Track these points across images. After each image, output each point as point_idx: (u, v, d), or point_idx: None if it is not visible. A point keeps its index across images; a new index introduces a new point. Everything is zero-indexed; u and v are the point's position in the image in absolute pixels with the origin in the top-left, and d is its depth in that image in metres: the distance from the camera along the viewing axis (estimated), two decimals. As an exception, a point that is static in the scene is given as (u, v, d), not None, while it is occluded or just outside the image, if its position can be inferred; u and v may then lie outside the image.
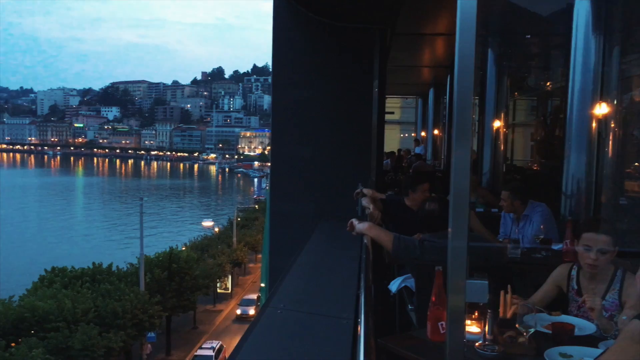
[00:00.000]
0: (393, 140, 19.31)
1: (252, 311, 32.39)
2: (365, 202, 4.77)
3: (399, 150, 16.99)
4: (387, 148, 13.19)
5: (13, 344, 18.09)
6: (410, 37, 9.45)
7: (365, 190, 5.10)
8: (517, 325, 2.42)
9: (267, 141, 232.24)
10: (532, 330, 2.42)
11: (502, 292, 2.68)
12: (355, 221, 3.43)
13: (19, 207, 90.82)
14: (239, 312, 33.99)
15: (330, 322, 3.05)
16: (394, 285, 4.08)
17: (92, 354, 17.63)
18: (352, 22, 7.14)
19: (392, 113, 17.98)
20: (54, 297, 20.48)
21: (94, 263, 25.57)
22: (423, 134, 18.31)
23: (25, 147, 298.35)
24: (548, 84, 11.53)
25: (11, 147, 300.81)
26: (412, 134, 21.02)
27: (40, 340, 17.51)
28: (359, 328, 1.91)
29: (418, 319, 3.40)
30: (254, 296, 34.93)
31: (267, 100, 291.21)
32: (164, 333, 27.26)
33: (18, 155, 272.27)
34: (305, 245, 5.36)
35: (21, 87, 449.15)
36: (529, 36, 9.06)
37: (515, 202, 4.92)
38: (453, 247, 1.59)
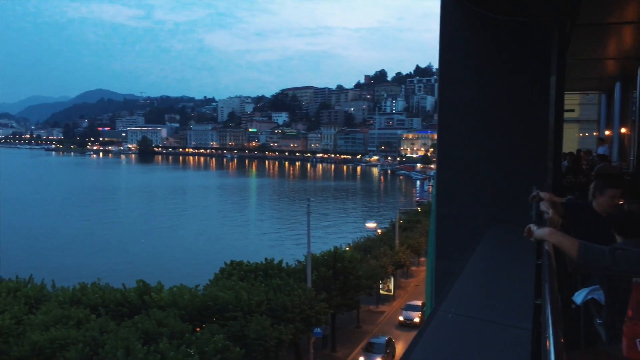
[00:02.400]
0: (570, 140, 17.79)
1: (416, 318, 31.08)
2: (544, 206, 4.44)
3: (578, 150, 15.58)
4: (565, 148, 12.19)
5: (198, 329, 20.05)
6: (593, 28, 8.64)
7: (542, 194, 4.76)
8: None
9: (429, 143, 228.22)
10: None
11: None
12: (533, 227, 3.22)
13: (204, 206, 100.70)
14: (402, 318, 32.53)
15: (505, 331, 2.90)
16: (579, 297, 3.73)
17: (265, 343, 18.88)
18: (527, 16, 6.73)
19: (572, 111, 16.54)
20: (232, 288, 22.30)
21: (266, 259, 27.36)
22: (607, 132, 16.58)
23: (208, 150, 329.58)
24: None
25: (196, 150, 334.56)
26: (594, 133, 19.14)
27: (220, 327, 19.18)
28: (547, 342, 1.78)
29: (608, 335, 3.08)
30: (419, 302, 33.34)
31: (429, 101, 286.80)
32: (329, 329, 28.23)
33: (202, 159, 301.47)
34: (474, 250, 5.16)
35: (205, 97, 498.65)
36: None
37: None
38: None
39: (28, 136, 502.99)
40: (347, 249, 36.46)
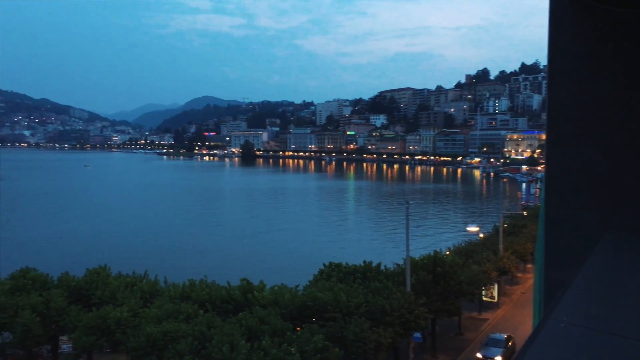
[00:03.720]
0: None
1: (498, 357, 25.74)
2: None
3: None
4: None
5: (298, 328, 20.48)
6: None
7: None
8: None
9: (536, 143, 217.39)
10: None
11: None
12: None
13: (303, 207, 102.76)
14: (480, 355, 26.34)
15: (623, 343, 2.69)
16: None
17: (364, 346, 18.90)
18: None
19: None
20: (331, 289, 22.55)
21: (364, 261, 27.38)
22: None
23: (307, 153, 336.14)
24: None
25: (296, 153, 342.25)
26: None
27: (320, 327, 19.46)
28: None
29: None
30: (503, 335, 27.63)
31: (536, 99, 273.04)
32: (429, 335, 27.70)
33: (301, 161, 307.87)
34: (589, 257, 4.85)
35: (304, 101, 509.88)
36: None
37: None
38: None
39: (143, 141, 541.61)
40: (448, 253, 35.58)
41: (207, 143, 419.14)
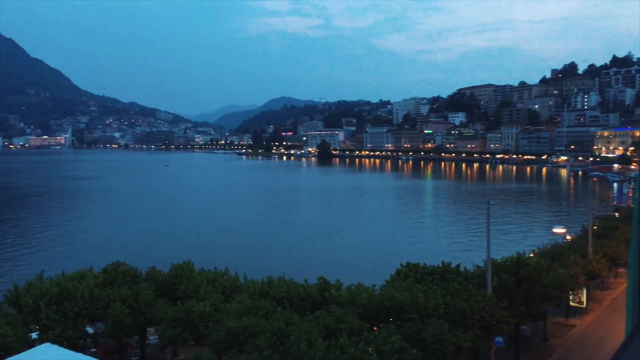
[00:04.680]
0: None
1: None
2: None
3: None
4: None
5: (375, 328, 20.32)
6: None
7: None
8: None
9: (629, 140, 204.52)
10: None
11: None
12: None
13: (379, 207, 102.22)
14: None
15: None
16: None
17: (443, 348, 18.44)
18: None
19: None
20: (409, 290, 22.19)
21: (443, 262, 26.75)
22: None
23: (383, 152, 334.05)
24: None
25: (372, 153, 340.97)
26: None
27: (397, 327, 19.21)
28: None
29: None
30: None
31: (629, 94, 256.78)
32: (511, 340, 26.66)
33: (377, 161, 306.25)
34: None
35: (380, 100, 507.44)
36: None
37: None
38: None
39: (223, 142, 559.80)
40: (532, 255, 34.10)
41: (284, 143, 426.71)
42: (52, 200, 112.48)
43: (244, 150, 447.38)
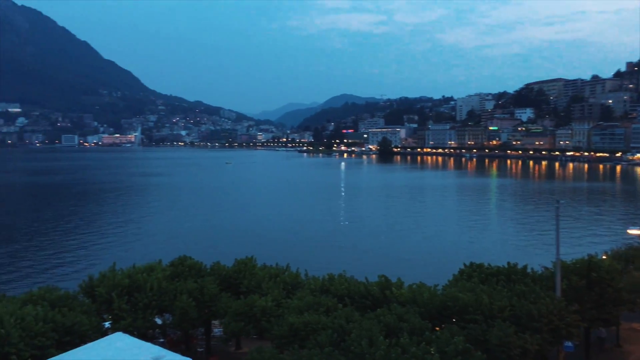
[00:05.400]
0: None
1: None
2: None
3: None
4: None
5: (437, 328, 20.00)
6: None
7: None
8: None
9: None
10: None
11: None
12: None
13: (442, 205, 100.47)
14: None
15: None
16: None
17: (509, 351, 17.91)
18: None
19: None
20: (472, 290, 21.69)
21: (508, 263, 25.96)
22: None
23: (446, 150, 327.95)
24: None
25: (434, 150, 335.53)
26: None
27: (460, 329, 18.83)
28: None
29: None
30: None
31: None
32: (582, 345, 25.55)
33: (440, 158, 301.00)
34: None
35: (443, 96, 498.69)
36: None
37: None
38: None
39: (284, 139, 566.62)
40: (604, 257, 32.52)
41: (345, 140, 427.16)
42: (122, 196, 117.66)
43: (304, 148, 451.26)
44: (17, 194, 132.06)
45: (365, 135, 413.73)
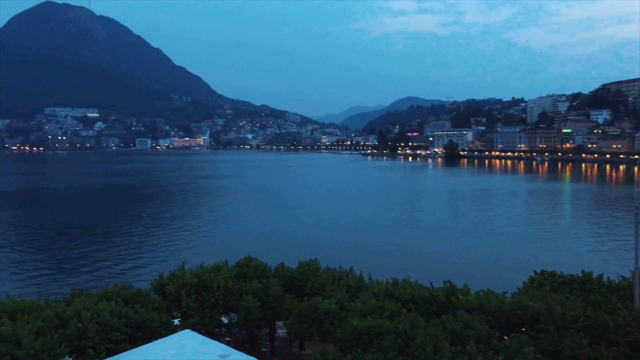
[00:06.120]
0: None
1: None
2: None
3: None
4: None
5: (505, 337, 19.35)
6: None
7: None
8: None
9: None
10: None
11: None
12: None
13: (510, 210, 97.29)
14: None
15: None
16: None
17: (583, 364, 17.10)
18: None
19: None
20: (544, 299, 20.85)
21: (583, 271, 24.79)
22: None
23: (515, 153, 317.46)
24: None
25: (503, 153, 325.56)
26: None
27: (530, 338, 18.13)
28: None
29: None
30: None
31: None
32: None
33: (509, 162, 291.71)
34: None
35: (513, 98, 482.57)
36: None
37: None
38: None
39: (348, 142, 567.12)
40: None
41: (410, 143, 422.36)
42: (190, 198, 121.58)
43: (369, 151, 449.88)
44: (95, 195, 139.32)
45: (430, 138, 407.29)
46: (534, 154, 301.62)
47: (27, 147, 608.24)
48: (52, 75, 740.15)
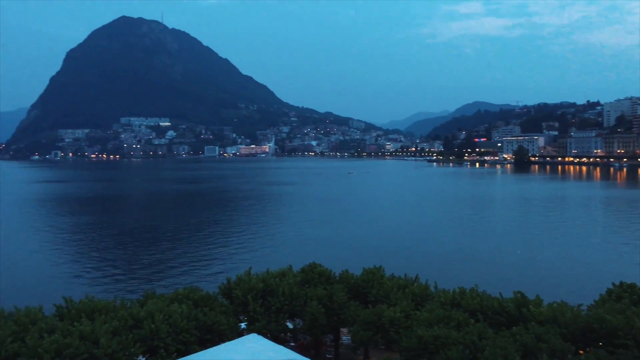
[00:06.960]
0: None
1: None
2: None
3: None
4: None
5: (581, 352, 18.44)
6: None
7: None
8: None
9: None
10: None
11: None
12: None
13: (586, 219, 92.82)
14: None
15: None
16: None
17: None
18: None
19: None
20: (623, 312, 19.72)
21: (666, 283, 23.29)
22: None
23: (591, 159, 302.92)
24: None
25: (577, 159, 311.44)
26: None
27: (608, 354, 17.20)
28: None
29: None
30: None
31: None
32: None
33: (584, 168, 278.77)
34: None
35: (587, 101, 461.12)
36: None
37: None
38: None
39: (413, 149, 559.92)
40: None
41: (477, 149, 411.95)
42: (256, 204, 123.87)
43: (434, 157, 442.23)
44: (167, 201, 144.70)
45: (499, 144, 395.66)
46: (612, 159, 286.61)
47: (104, 155, 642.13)
48: (127, 86, 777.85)
